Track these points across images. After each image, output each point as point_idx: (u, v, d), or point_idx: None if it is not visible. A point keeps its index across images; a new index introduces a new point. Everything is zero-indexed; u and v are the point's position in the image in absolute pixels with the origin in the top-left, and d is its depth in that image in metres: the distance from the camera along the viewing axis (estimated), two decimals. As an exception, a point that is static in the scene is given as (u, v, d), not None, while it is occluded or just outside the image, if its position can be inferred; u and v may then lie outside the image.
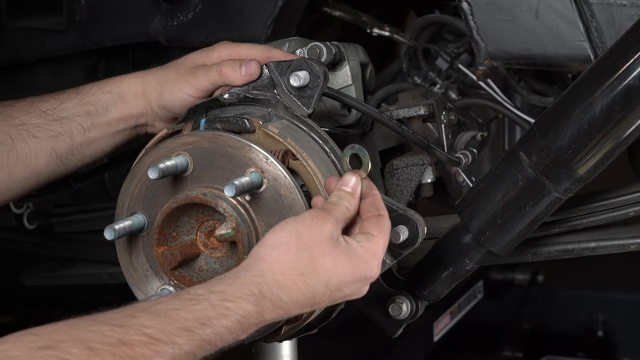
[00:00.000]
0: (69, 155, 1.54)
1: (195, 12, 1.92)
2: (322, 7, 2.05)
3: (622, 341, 3.61)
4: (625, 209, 1.69)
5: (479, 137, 1.92)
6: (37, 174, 1.53)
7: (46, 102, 1.54)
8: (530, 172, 1.49)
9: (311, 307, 1.25)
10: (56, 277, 2.30)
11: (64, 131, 1.52)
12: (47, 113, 1.53)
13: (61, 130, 1.52)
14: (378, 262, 1.29)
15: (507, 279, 3.75)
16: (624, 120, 1.42)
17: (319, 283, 1.23)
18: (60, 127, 1.52)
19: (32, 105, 1.53)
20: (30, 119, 1.52)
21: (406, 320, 1.63)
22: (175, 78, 1.53)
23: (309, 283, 1.22)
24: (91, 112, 1.54)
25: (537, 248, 1.75)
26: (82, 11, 1.99)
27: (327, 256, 1.23)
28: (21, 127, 1.51)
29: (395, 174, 1.67)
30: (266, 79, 1.47)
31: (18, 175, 1.51)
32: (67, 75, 2.15)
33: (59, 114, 1.53)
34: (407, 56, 2.05)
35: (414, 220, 1.43)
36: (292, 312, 1.22)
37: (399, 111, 1.70)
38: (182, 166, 1.37)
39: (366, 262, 1.27)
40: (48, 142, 1.52)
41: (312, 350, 2.27)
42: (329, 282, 1.23)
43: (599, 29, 1.60)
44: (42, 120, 1.52)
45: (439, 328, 3.18)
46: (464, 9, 1.67)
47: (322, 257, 1.23)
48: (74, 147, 1.54)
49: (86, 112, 1.54)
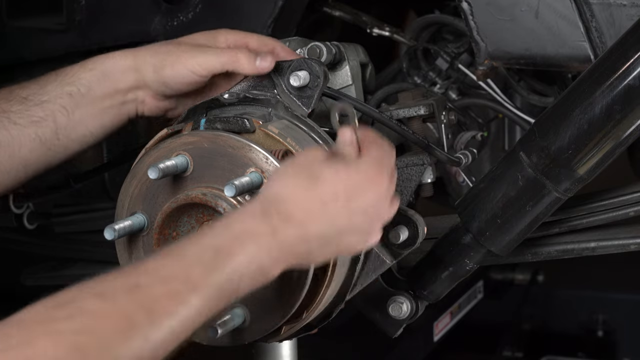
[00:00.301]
0: (54, 140, 1.48)
1: (195, 12, 1.92)
2: (322, 7, 2.05)
3: (622, 341, 3.61)
4: (625, 209, 1.69)
5: (479, 137, 1.92)
6: (23, 163, 1.47)
7: (27, 88, 1.49)
8: (530, 172, 1.49)
9: (329, 222, 1.19)
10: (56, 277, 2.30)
11: (45, 115, 1.47)
12: (28, 99, 1.47)
13: (43, 114, 1.47)
14: (388, 172, 1.26)
15: (507, 279, 3.75)
16: (624, 120, 1.42)
17: (324, 191, 1.19)
18: (42, 112, 1.47)
19: (11, 93, 1.48)
20: (11, 107, 1.46)
21: (406, 320, 1.63)
22: (177, 52, 1.47)
23: (313, 192, 1.18)
24: (73, 93, 1.48)
25: (537, 248, 1.75)
26: (82, 11, 1.99)
27: (326, 168, 1.21)
28: (2, 114, 1.46)
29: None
30: (266, 79, 1.47)
31: (3, 165, 1.46)
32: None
33: (40, 98, 1.48)
34: (407, 56, 2.05)
35: (414, 220, 1.43)
36: (309, 228, 1.18)
37: (399, 111, 1.70)
38: (182, 166, 1.37)
39: (373, 170, 1.23)
40: (30, 127, 1.46)
41: (312, 350, 2.27)
42: (335, 190, 1.20)
43: (599, 29, 1.60)
44: (22, 106, 1.47)
45: (439, 328, 3.18)
46: (464, 9, 1.68)
47: (320, 170, 1.20)
48: (59, 131, 1.48)
49: (68, 93, 1.48)
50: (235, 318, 1.35)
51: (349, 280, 1.46)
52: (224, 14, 1.91)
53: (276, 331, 1.41)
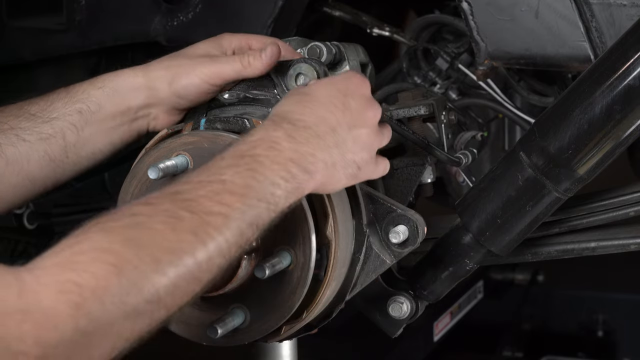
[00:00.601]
0: (63, 158, 1.48)
1: (195, 12, 1.92)
2: (322, 7, 2.05)
3: (622, 341, 3.61)
4: (625, 209, 1.69)
5: (479, 137, 1.92)
6: (31, 179, 1.46)
7: (35, 104, 1.48)
8: (530, 172, 1.49)
9: (334, 118, 1.30)
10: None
11: (55, 132, 1.46)
12: (37, 115, 1.46)
13: (52, 131, 1.46)
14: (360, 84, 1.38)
15: (507, 279, 3.75)
16: (624, 120, 1.42)
17: (321, 97, 1.31)
18: (51, 129, 1.46)
19: (20, 109, 1.47)
20: (19, 123, 1.45)
21: (406, 320, 1.63)
22: (190, 64, 1.47)
23: (312, 98, 1.31)
24: (83, 110, 1.47)
25: (537, 248, 1.75)
26: (82, 11, 1.98)
27: (315, 85, 1.35)
28: (9, 131, 1.45)
29: (395, 174, 1.67)
30: (266, 79, 1.47)
31: (10, 181, 1.45)
32: (67, 75, 2.15)
33: (49, 115, 1.47)
34: (407, 56, 2.05)
35: (414, 220, 1.43)
36: (319, 126, 1.28)
37: (399, 111, 1.70)
38: (182, 166, 1.37)
39: (352, 80, 1.36)
40: (39, 144, 1.46)
41: (312, 350, 2.28)
42: (329, 94, 1.32)
43: (599, 29, 1.60)
44: (31, 123, 1.46)
45: (439, 328, 3.18)
46: (464, 9, 1.68)
47: (310, 87, 1.35)
48: (68, 148, 1.48)
49: (77, 110, 1.47)
50: (235, 318, 1.36)
51: (349, 280, 1.46)
52: (224, 14, 1.91)
53: (276, 331, 1.41)
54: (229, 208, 1.14)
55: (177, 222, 1.09)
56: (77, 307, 0.97)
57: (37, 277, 0.98)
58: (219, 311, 1.37)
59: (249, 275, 1.34)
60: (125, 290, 1.01)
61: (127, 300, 1.01)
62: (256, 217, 1.17)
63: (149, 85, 1.48)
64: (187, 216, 1.10)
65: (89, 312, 0.98)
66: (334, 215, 1.37)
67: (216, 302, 1.36)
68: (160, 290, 1.05)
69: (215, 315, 1.36)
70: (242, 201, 1.15)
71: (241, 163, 1.19)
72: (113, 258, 1.02)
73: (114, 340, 1.02)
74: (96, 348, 1.00)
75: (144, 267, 1.04)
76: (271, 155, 1.21)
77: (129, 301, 1.02)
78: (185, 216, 1.10)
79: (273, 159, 1.21)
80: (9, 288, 0.96)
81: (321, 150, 1.27)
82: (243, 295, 1.36)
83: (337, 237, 1.38)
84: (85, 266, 1.00)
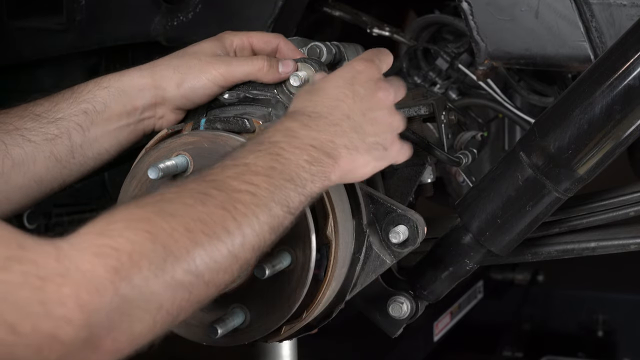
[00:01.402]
0: (69, 158, 1.47)
1: (195, 12, 1.92)
2: (322, 7, 2.05)
3: (622, 341, 3.61)
4: (625, 209, 1.69)
5: (479, 137, 1.92)
6: (37, 180, 1.45)
7: (40, 105, 1.47)
8: (530, 172, 1.49)
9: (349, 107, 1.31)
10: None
11: (60, 133, 1.45)
12: (42, 116, 1.45)
13: (57, 132, 1.45)
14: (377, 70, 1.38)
15: (507, 279, 3.75)
16: (624, 120, 1.42)
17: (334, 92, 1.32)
18: (57, 129, 1.45)
19: (25, 110, 1.46)
20: (24, 124, 1.44)
21: (406, 320, 1.63)
22: (199, 66, 1.46)
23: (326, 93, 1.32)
24: (88, 110, 1.46)
25: (537, 248, 1.75)
26: (82, 11, 1.99)
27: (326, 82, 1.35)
28: (15, 132, 1.44)
29: (395, 174, 1.67)
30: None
31: (17, 183, 1.43)
32: (67, 75, 2.15)
33: (54, 115, 1.46)
34: (407, 56, 2.05)
35: (414, 220, 1.43)
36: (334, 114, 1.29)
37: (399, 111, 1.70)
38: (182, 166, 1.37)
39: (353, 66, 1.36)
40: (45, 145, 1.45)
41: (312, 350, 2.28)
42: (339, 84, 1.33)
43: (599, 29, 1.60)
44: (36, 123, 1.45)
45: (439, 328, 3.18)
46: (464, 9, 1.68)
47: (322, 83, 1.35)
48: (74, 149, 1.47)
49: (83, 111, 1.46)
50: (235, 318, 1.36)
51: (349, 280, 1.46)
52: (224, 14, 1.91)
53: (276, 331, 1.41)
54: (256, 187, 1.16)
55: (206, 198, 1.11)
56: (115, 272, 0.98)
57: (73, 245, 0.99)
58: (219, 311, 1.37)
59: (249, 275, 1.34)
60: (162, 257, 1.03)
61: (164, 267, 1.02)
62: (285, 198, 1.18)
63: (155, 85, 1.47)
64: (215, 193, 1.12)
65: (128, 277, 0.99)
66: (334, 215, 1.37)
67: (216, 302, 1.36)
68: (196, 260, 1.06)
69: (215, 315, 1.36)
70: (268, 181, 1.17)
71: (262, 149, 1.21)
72: (147, 225, 1.04)
73: (155, 313, 1.02)
74: (138, 321, 1.00)
75: (178, 235, 1.05)
76: (291, 142, 1.23)
77: (166, 268, 1.03)
78: (213, 193, 1.12)
79: (293, 144, 1.23)
80: (47, 255, 0.97)
81: (339, 137, 1.28)
82: (243, 295, 1.36)
83: (337, 237, 1.38)
84: (120, 232, 1.02)
